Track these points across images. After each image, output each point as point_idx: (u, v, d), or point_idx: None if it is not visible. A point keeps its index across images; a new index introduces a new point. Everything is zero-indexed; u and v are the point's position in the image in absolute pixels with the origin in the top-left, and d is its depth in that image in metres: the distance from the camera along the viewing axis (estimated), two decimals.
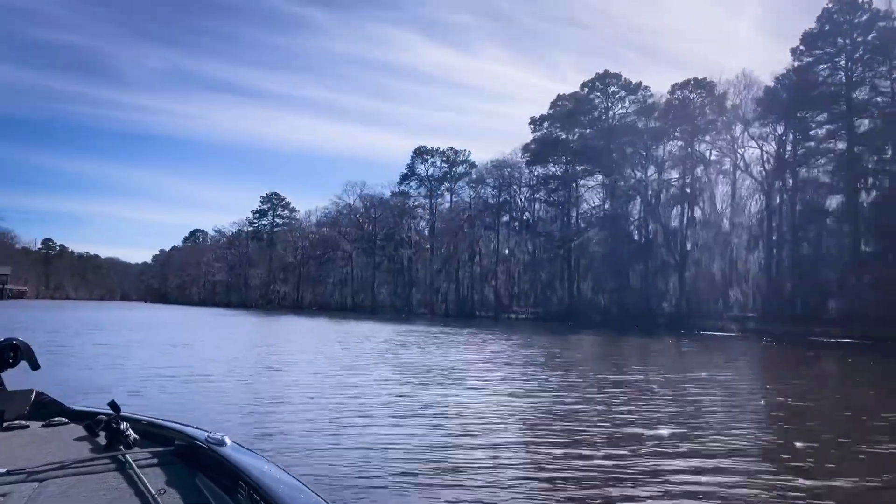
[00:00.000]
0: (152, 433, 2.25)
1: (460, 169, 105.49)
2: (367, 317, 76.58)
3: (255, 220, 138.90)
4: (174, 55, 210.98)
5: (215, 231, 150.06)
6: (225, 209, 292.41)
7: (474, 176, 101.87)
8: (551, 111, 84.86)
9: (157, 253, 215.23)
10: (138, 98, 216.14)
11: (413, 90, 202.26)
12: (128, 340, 27.55)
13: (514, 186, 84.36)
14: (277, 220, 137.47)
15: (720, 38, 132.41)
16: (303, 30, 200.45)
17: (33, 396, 2.61)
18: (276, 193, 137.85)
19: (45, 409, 2.58)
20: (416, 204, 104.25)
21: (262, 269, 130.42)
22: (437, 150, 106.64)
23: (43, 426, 2.38)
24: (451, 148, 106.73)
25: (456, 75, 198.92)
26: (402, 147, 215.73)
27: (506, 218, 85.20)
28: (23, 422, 2.41)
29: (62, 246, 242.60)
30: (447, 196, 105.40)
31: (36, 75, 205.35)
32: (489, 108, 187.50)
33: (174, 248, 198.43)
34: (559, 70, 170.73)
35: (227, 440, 2.03)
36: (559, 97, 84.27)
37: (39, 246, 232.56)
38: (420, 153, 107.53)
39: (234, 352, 23.96)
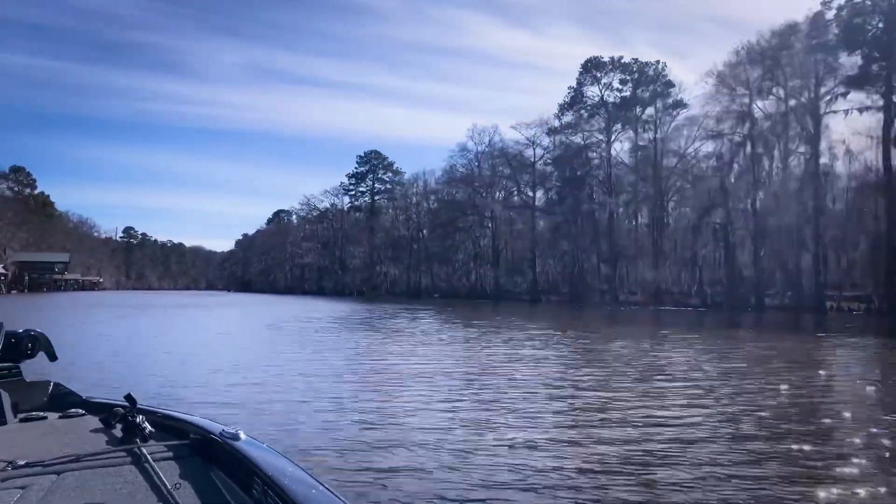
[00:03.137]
0: (168, 426, 2.15)
1: (652, 89, 69.02)
2: (552, 311, 42.54)
3: (350, 186, 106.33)
4: (249, 50, 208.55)
5: (302, 204, 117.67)
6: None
7: (677, 96, 65.93)
8: None
9: (241, 238, 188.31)
10: (216, 93, 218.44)
11: (484, 73, 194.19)
12: None
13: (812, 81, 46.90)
14: (378, 185, 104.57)
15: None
16: (373, 18, 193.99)
17: (51, 388, 2.58)
18: (375, 152, 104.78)
19: (63, 401, 2.51)
20: (591, 141, 68.17)
21: (363, 247, 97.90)
22: (617, 60, 70.42)
23: (60, 417, 2.30)
24: (636, 59, 70.46)
25: (528, 56, 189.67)
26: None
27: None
28: (40, 413, 2.32)
29: (144, 234, 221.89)
30: (627, 131, 69.11)
31: (119, 75, 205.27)
32: (563, 88, 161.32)
33: (258, 231, 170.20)
34: (634, 46, 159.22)
35: (242, 434, 1.95)
36: None
37: (121, 235, 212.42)
38: (590, 68, 71.49)
39: None
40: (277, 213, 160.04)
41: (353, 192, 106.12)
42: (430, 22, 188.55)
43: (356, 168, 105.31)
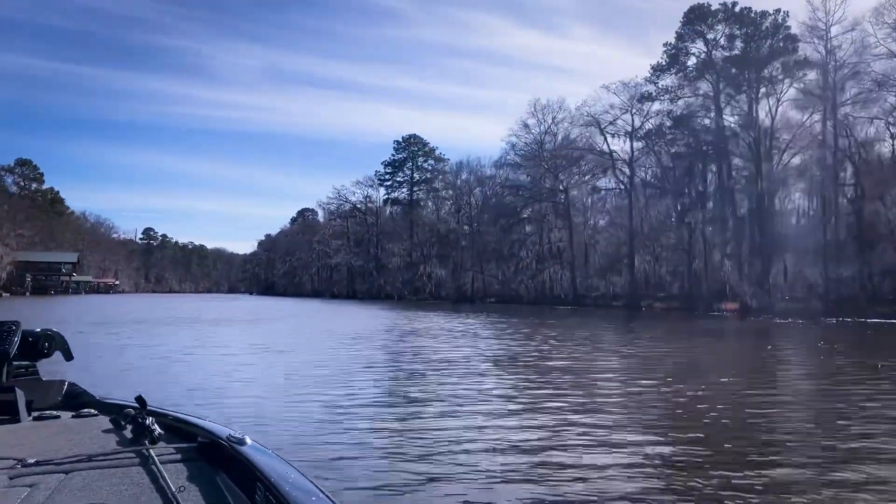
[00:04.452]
0: (176, 428, 2.14)
1: (769, 44, 54.16)
2: (724, 329, 28.43)
3: (386, 176, 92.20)
4: (268, 53, 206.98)
5: (331, 198, 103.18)
6: None
7: (799, 54, 51.34)
8: None
9: (263, 238, 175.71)
10: (236, 96, 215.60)
11: (501, 75, 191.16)
12: None
13: None
14: (417, 174, 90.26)
15: None
16: (391, 20, 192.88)
17: (65, 387, 2.56)
18: (415, 136, 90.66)
19: (76, 400, 2.50)
20: (697, 106, 53.26)
21: (403, 244, 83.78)
22: (731, 6, 55.44)
23: (73, 417, 2.31)
24: (749, 8, 55.56)
25: (545, 57, 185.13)
26: (493, 132, 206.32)
27: None
28: (54, 412, 2.34)
29: (164, 235, 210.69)
30: (741, 95, 54.04)
31: (139, 78, 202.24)
32: (580, 89, 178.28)
33: (282, 231, 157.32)
34: (652, 46, 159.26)
35: (248, 439, 1.93)
36: None
37: (140, 236, 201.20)
38: (693, 20, 56.60)
39: None
40: (302, 212, 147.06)
41: (389, 183, 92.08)
42: (446, 23, 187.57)
43: (393, 155, 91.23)
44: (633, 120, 52.57)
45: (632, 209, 51.16)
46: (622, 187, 53.35)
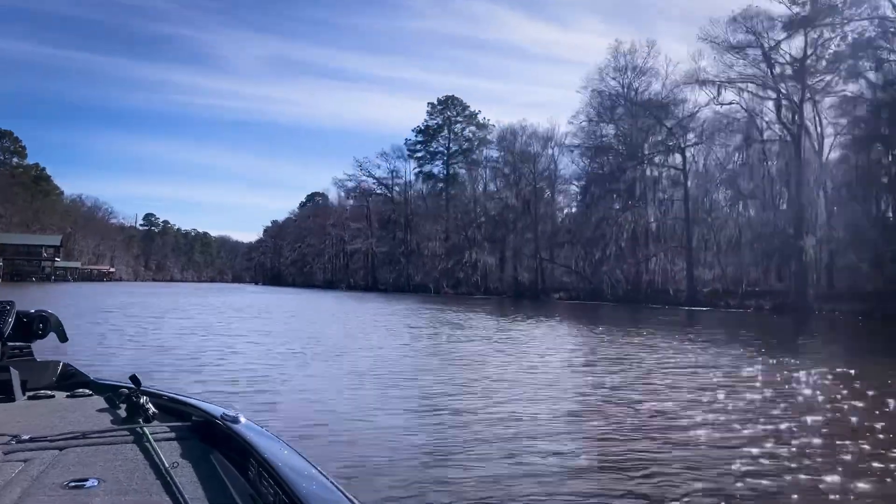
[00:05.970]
0: (170, 408, 2.15)
1: None
2: None
3: (418, 146, 75.68)
4: (276, 43, 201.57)
5: (350, 174, 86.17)
6: None
7: None
8: None
9: (269, 225, 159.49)
10: (243, 86, 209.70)
11: (512, 67, 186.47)
12: None
13: None
14: (455, 145, 73.83)
15: None
16: (399, 11, 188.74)
17: (60, 367, 2.58)
18: (453, 97, 74.21)
19: (71, 380, 2.52)
20: None
21: (440, 227, 67.53)
22: None
23: (67, 396, 2.34)
24: None
25: (555, 50, 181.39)
26: (502, 124, 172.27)
27: None
28: (49, 391, 2.36)
29: (166, 222, 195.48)
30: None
31: (147, 68, 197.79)
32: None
33: (290, 217, 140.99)
34: (661, 40, 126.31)
35: (242, 418, 1.93)
36: None
37: (141, 222, 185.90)
38: None
39: None
40: (312, 196, 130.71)
41: (420, 154, 75.54)
42: (457, 15, 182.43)
43: (426, 121, 74.80)
44: (805, 41, 35.52)
45: (802, 172, 34.70)
46: (787, 139, 36.72)
